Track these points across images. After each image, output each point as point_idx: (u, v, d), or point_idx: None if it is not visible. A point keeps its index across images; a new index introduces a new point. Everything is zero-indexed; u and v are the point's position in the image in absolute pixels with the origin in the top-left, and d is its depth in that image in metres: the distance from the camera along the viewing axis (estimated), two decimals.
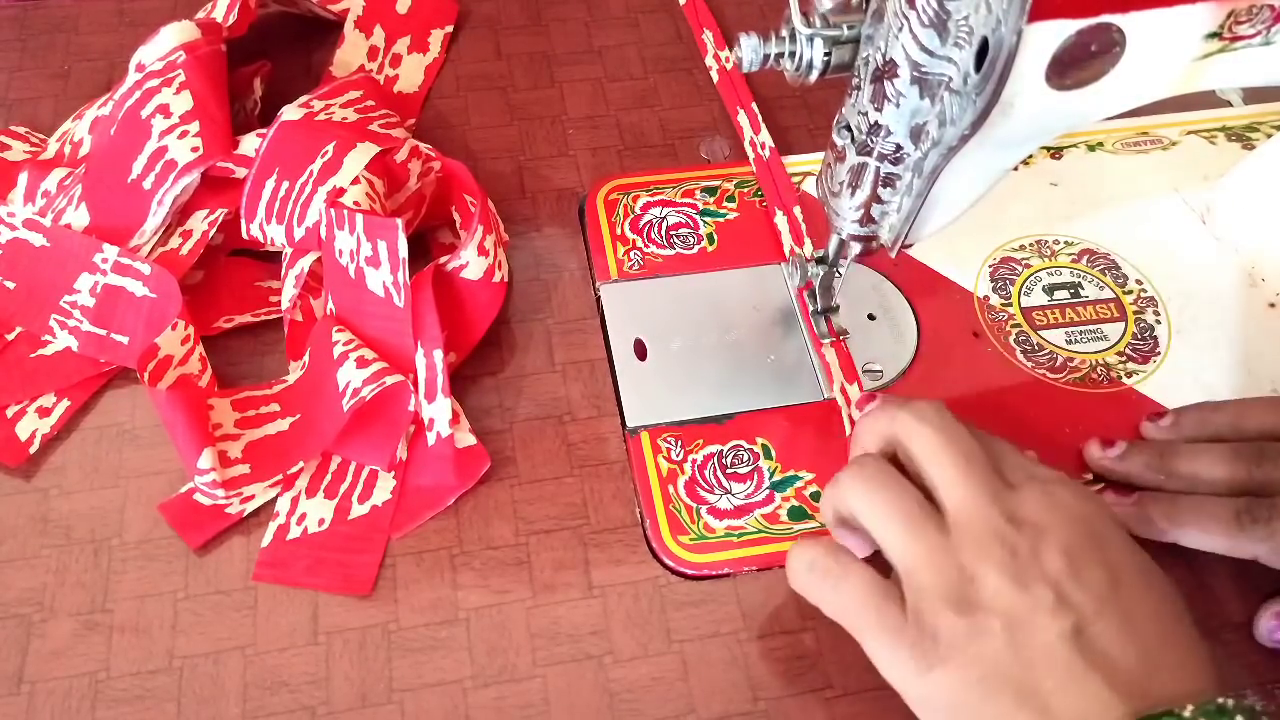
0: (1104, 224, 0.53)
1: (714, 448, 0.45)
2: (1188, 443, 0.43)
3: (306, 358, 0.45)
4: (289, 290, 0.46)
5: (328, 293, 0.45)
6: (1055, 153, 0.56)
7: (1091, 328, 0.49)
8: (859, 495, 0.36)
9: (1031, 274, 0.51)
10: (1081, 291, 0.51)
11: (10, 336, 0.46)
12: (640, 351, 0.47)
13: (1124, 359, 0.48)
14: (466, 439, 0.44)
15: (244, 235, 0.47)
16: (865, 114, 0.35)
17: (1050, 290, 0.51)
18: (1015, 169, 0.40)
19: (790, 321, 0.49)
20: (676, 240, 0.51)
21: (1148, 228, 0.53)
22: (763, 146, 0.51)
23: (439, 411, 0.43)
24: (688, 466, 0.44)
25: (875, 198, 0.37)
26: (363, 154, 0.45)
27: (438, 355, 0.43)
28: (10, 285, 0.46)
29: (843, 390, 0.45)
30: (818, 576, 0.36)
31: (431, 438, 0.43)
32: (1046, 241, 0.52)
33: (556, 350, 0.48)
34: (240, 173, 0.46)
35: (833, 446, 0.45)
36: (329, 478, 0.43)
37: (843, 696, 0.39)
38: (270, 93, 0.53)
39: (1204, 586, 0.42)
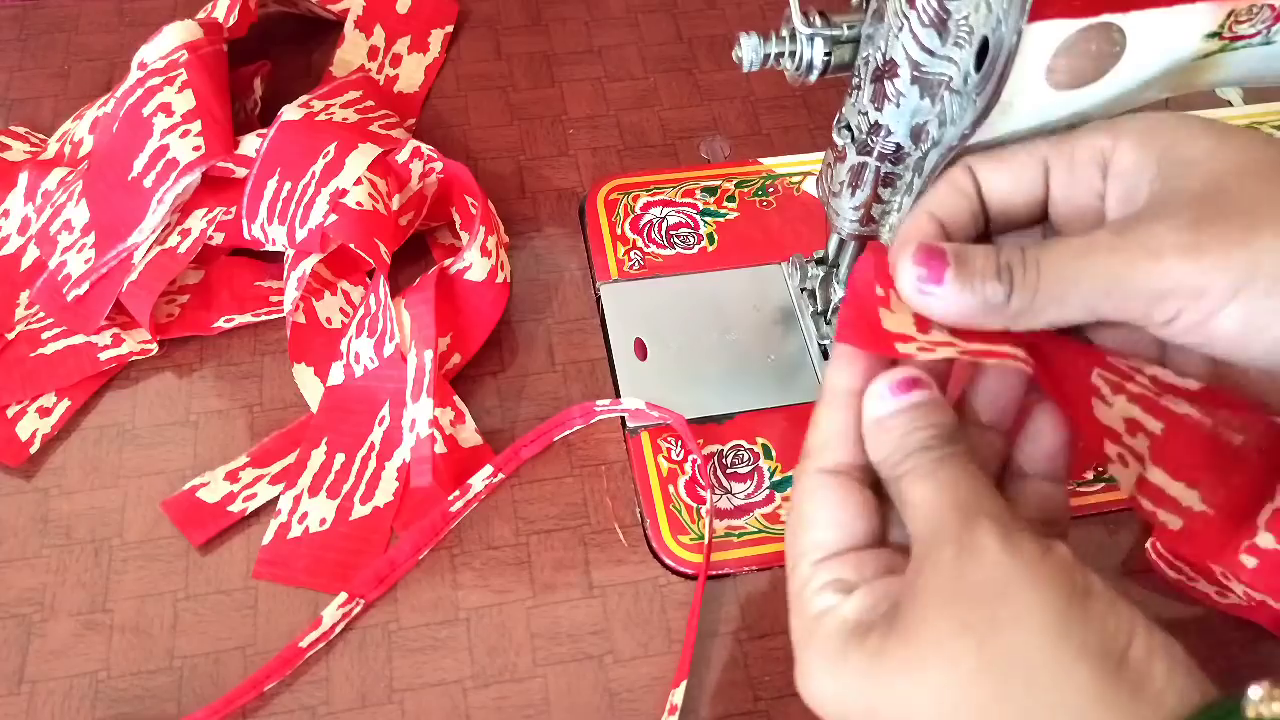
0: None
1: (714, 448, 0.45)
2: None
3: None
4: (291, 293, 0.46)
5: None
6: None
7: None
8: None
9: None
10: None
11: (10, 336, 0.46)
12: (640, 351, 0.47)
13: None
14: (473, 439, 0.44)
15: (245, 236, 0.47)
16: (865, 114, 0.35)
17: None
18: None
19: (790, 321, 0.49)
20: (676, 240, 0.51)
21: None
22: None
23: (420, 412, 0.43)
24: (688, 466, 0.44)
25: (875, 197, 0.37)
26: (365, 155, 0.45)
27: (427, 356, 0.43)
28: None
29: None
30: None
31: (411, 439, 0.43)
32: None
33: (557, 350, 0.48)
34: (240, 173, 0.46)
35: None
36: (332, 477, 0.43)
37: None
38: (270, 93, 0.53)
39: None
